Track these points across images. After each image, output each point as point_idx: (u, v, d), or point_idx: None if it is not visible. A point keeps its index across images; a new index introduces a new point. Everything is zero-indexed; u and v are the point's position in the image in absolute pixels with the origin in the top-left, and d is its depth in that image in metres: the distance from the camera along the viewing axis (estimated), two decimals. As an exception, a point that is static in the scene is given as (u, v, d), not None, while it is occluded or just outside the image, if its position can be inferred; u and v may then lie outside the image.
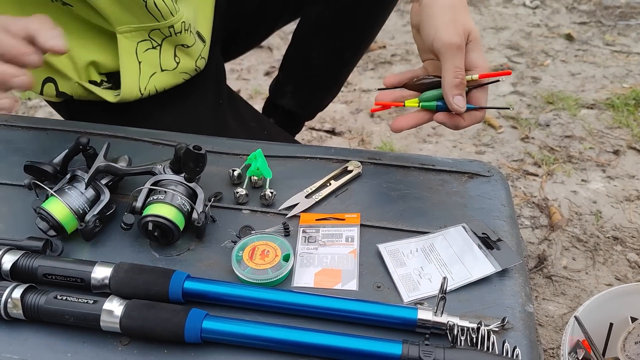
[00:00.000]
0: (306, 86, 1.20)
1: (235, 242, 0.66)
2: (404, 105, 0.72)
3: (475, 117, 0.70)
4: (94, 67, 0.89)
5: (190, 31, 0.90)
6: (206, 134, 0.85)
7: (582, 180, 1.49)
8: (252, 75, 2.18)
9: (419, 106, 0.71)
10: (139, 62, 0.88)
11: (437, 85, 0.70)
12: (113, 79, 0.91)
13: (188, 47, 0.91)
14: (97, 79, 0.91)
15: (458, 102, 0.67)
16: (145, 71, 0.89)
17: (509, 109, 0.82)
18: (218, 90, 1.07)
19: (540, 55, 2.18)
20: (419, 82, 0.73)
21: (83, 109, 0.93)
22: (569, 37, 2.29)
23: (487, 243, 0.67)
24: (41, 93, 0.89)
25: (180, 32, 0.88)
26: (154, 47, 0.88)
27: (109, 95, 0.89)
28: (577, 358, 0.82)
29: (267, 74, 2.19)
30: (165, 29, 0.86)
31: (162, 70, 0.91)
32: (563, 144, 1.65)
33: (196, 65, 0.95)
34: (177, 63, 0.92)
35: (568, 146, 1.63)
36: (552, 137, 1.68)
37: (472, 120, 0.70)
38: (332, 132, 1.77)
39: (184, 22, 0.87)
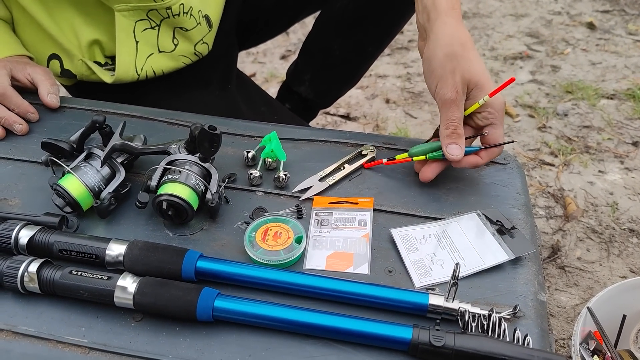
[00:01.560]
0: (325, 76, 1.19)
1: (248, 223, 0.66)
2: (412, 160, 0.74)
3: (491, 154, 0.71)
4: (98, 47, 0.89)
5: (191, 15, 0.90)
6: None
7: (599, 171, 1.47)
8: (267, 59, 2.18)
9: (426, 158, 0.73)
10: (137, 42, 0.88)
11: None
12: (115, 62, 0.91)
13: (187, 30, 0.90)
14: (102, 60, 0.91)
15: (451, 150, 0.69)
16: (142, 51, 0.89)
17: (512, 142, 0.81)
18: (227, 75, 1.07)
19: (561, 43, 2.15)
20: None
21: (92, 92, 0.94)
22: (591, 26, 2.25)
23: (501, 231, 0.66)
24: None
25: (179, 15, 0.88)
26: (152, 27, 0.88)
27: (106, 75, 0.90)
28: (588, 349, 0.82)
29: (283, 57, 2.18)
30: (162, 10, 0.86)
31: (160, 52, 0.91)
32: (581, 134, 1.62)
33: (196, 50, 0.94)
34: (176, 45, 0.91)
35: (586, 136, 1.61)
36: (570, 127, 1.66)
37: (489, 157, 0.71)
38: (346, 117, 1.77)
39: (182, 4, 0.87)
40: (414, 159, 0.73)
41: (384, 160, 0.75)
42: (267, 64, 2.14)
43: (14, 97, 0.81)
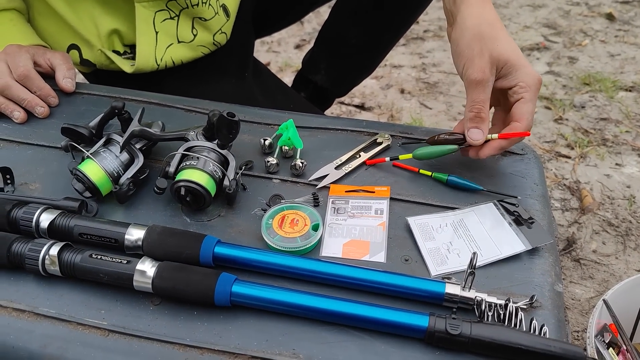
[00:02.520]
0: (341, 65, 1.19)
1: (265, 210, 0.67)
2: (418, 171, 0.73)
3: (493, 147, 0.68)
4: (117, 36, 0.90)
5: (210, 4, 0.90)
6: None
7: (617, 164, 1.45)
8: (282, 48, 2.17)
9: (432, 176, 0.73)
10: (156, 32, 0.88)
11: (451, 142, 0.71)
12: (134, 51, 0.92)
13: (206, 20, 0.91)
14: (121, 49, 0.92)
15: (472, 134, 0.68)
16: (161, 41, 0.89)
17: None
18: (243, 64, 1.07)
19: (579, 34, 2.12)
20: (439, 137, 0.73)
21: (110, 81, 0.95)
22: (610, 17, 2.22)
23: (519, 221, 0.66)
24: None
25: (198, 5, 0.88)
26: (171, 18, 0.88)
27: (125, 65, 0.90)
28: (604, 341, 0.81)
29: (298, 46, 2.18)
30: (181, 0, 0.86)
31: (179, 42, 0.91)
32: (598, 126, 1.61)
33: (214, 40, 0.94)
34: (195, 36, 0.92)
35: (603, 129, 1.59)
36: (587, 119, 1.64)
37: (492, 151, 0.69)
38: (361, 107, 1.76)
39: None
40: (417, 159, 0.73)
41: (387, 159, 0.74)
42: (282, 53, 2.14)
43: (36, 80, 0.82)
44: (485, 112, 0.67)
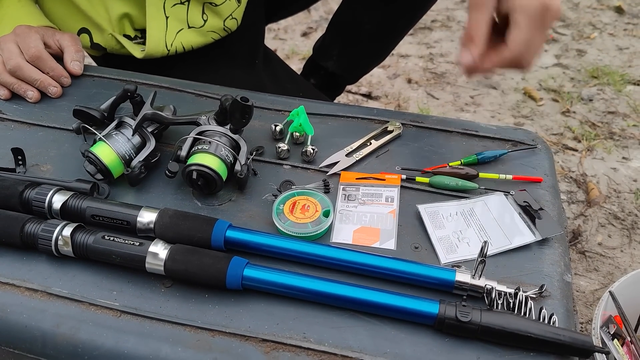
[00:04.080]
0: (354, 52, 1.18)
1: (275, 196, 0.67)
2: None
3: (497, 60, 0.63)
4: (128, 20, 0.90)
5: None
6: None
7: (623, 157, 1.45)
8: (289, 36, 2.17)
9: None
10: (166, 17, 0.88)
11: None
12: (145, 35, 0.91)
13: (216, 5, 0.90)
14: (132, 33, 0.92)
15: (461, 56, 0.64)
16: (172, 27, 0.89)
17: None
18: (254, 51, 1.07)
19: (587, 27, 2.11)
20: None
21: (120, 65, 0.94)
22: (619, 10, 2.20)
23: (528, 212, 0.66)
24: None
25: None
26: (182, 3, 0.88)
27: (136, 50, 0.90)
28: (609, 332, 0.82)
29: (305, 34, 2.17)
30: None
31: (189, 27, 0.91)
32: (605, 119, 1.60)
33: (225, 26, 0.94)
34: (205, 21, 0.91)
35: (610, 122, 1.59)
36: (595, 112, 1.64)
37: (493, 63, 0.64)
38: (368, 95, 1.76)
39: None
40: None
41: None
42: (288, 40, 2.13)
43: (49, 61, 0.82)
44: (480, 35, 0.62)
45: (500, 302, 0.55)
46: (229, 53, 1.00)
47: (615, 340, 0.83)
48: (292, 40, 2.13)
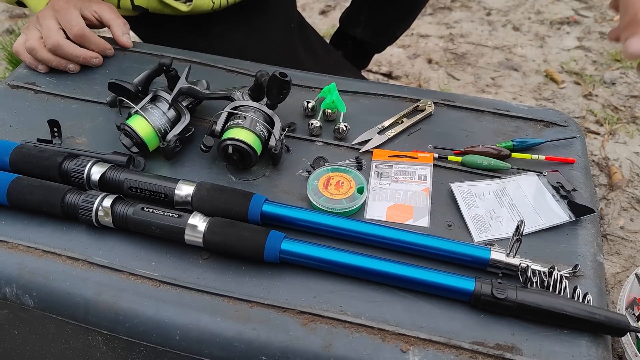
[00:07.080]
0: (382, 14, 1.17)
1: (309, 172, 0.67)
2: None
3: None
4: None
5: None
6: (276, 56, 0.85)
7: (646, 142, 1.44)
8: (307, 14, 2.15)
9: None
10: None
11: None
12: None
13: None
14: None
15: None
16: None
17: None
18: (290, 13, 1.06)
19: (610, 9, 2.07)
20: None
21: (158, 24, 0.94)
22: (644, -8, 2.16)
23: (561, 192, 0.66)
24: (118, 6, 0.90)
25: None
26: None
27: (182, 6, 0.89)
28: (634, 314, 0.82)
29: (323, 12, 2.15)
30: None
31: None
32: (628, 103, 1.58)
33: None
34: None
35: (633, 106, 1.57)
36: (617, 95, 1.62)
37: None
38: (388, 75, 1.75)
39: None
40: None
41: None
42: (307, 18, 2.11)
43: (92, 38, 0.82)
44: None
45: (535, 280, 0.56)
46: (267, 14, 1.00)
47: None
48: (310, 19, 2.11)
